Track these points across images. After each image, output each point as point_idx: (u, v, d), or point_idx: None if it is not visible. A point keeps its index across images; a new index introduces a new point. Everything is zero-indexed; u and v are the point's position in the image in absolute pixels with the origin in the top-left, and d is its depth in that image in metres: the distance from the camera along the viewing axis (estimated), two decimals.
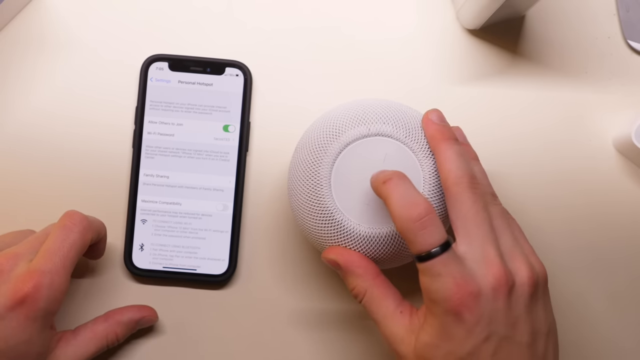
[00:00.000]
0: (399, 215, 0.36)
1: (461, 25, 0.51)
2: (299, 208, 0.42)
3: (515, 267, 0.37)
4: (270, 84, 0.50)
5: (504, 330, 0.36)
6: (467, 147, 0.43)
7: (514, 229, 0.40)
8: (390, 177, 0.37)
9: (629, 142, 0.48)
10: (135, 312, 0.46)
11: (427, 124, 0.40)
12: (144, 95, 0.49)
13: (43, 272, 0.39)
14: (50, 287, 0.39)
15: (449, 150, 0.39)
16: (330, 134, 0.41)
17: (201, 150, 0.48)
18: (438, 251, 0.35)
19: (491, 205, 0.39)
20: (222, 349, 0.48)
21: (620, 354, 0.49)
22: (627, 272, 0.50)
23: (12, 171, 0.49)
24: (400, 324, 0.38)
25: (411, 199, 0.36)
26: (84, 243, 0.42)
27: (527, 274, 0.37)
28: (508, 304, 0.36)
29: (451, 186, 0.38)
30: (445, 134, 0.39)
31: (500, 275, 0.36)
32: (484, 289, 0.36)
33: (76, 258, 0.41)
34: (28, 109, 0.49)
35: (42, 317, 0.39)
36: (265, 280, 0.49)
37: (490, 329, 0.36)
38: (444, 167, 0.38)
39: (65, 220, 0.41)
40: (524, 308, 0.37)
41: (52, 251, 0.40)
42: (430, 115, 0.41)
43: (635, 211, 0.50)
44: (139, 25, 0.50)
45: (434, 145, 0.39)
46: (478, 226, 0.37)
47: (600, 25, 0.51)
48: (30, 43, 0.50)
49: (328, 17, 0.50)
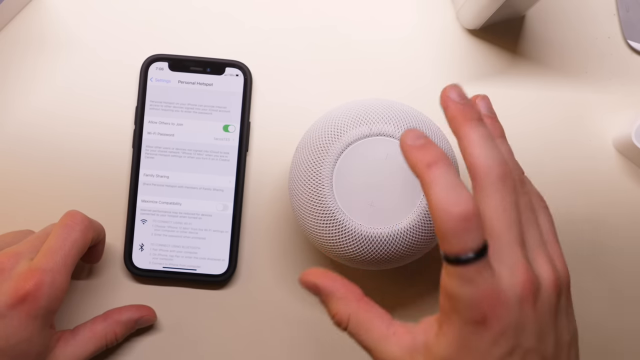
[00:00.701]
0: (441, 208, 0.31)
1: (461, 25, 0.51)
2: (301, 208, 0.42)
3: (539, 269, 0.34)
4: (270, 84, 0.50)
5: (529, 342, 0.32)
6: (492, 121, 0.38)
7: (543, 224, 0.36)
8: (436, 160, 0.32)
9: (629, 142, 0.48)
10: (134, 312, 0.46)
11: (447, 103, 0.35)
12: (144, 95, 0.49)
13: (44, 270, 0.39)
14: (52, 285, 0.39)
15: (475, 133, 0.34)
16: (332, 133, 0.41)
17: (201, 150, 0.48)
18: (473, 257, 0.31)
19: (520, 197, 0.35)
20: (221, 349, 0.48)
21: (621, 354, 0.49)
22: (627, 272, 0.50)
23: (12, 171, 0.49)
24: (397, 345, 0.34)
25: (458, 193, 0.31)
26: (85, 242, 0.42)
27: (551, 278, 0.34)
28: (534, 313, 0.33)
29: (480, 177, 0.33)
30: (468, 114, 0.34)
31: (527, 281, 0.32)
32: (512, 296, 0.32)
33: (77, 257, 0.41)
34: (28, 109, 0.49)
35: (42, 316, 0.39)
36: (265, 280, 0.49)
37: (515, 340, 0.32)
38: (470, 153, 0.34)
39: (67, 220, 0.41)
40: (549, 317, 0.33)
41: (54, 250, 0.40)
42: (450, 92, 0.35)
43: (635, 211, 0.50)
44: (138, 25, 0.50)
45: (456, 128, 0.34)
46: (508, 228, 0.33)
47: (600, 25, 0.51)
48: (30, 43, 0.49)
49: (328, 17, 0.50)
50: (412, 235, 0.40)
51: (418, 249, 0.41)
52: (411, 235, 0.40)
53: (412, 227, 0.40)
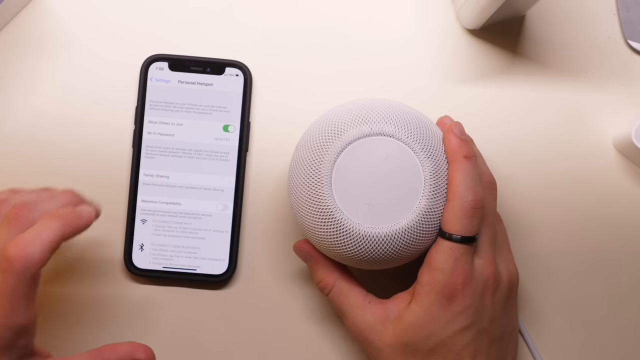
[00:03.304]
0: (463, 190, 0.39)
1: (461, 25, 0.51)
2: (299, 206, 0.42)
3: (500, 267, 0.42)
4: (270, 84, 0.50)
5: (483, 323, 0.40)
6: None
7: (501, 233, 0.45)
8: (472, 156, 0.41)
9: (629, 142, 0.48)
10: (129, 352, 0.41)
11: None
12: (144, 95, 0.49)
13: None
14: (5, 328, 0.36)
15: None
16: (332, 132, 0.41)
17: (201, 150, 0.48)
18: (468, 238, 0.40)
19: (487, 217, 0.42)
20: (222, 349, 0.48)
21: (621, 354, 0.49)
22: (627, 272, 0.50)
23: (12, 171, 0.49)
24: (371, 312, 0.42)
25: (478, 186, 0.40)
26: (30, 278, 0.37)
27: (508, 277, 0.42)
28: (492, 302, 0.41)
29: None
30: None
31: (493, 274, 0.41)
32: (480, 283, 0.40)
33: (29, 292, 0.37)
34: (28, 109, 0.49)
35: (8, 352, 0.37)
36: (265, 280, 0.49)
37: (472, 319, 0.40)
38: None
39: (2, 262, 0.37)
40: (501, 307, 0.42)
41: None
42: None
43: (635, 211, 0.50)
44: (138, 25, 0.50)
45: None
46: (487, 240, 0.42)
47: (600, 25, 0.51)
48: (30, 43, 0.49)
49: (328, 18, 0.50)
50: (410, 235, 0.40)
51: (416, 249, 0.41)
52: (409, 236, 0.40)
53: (410, 227, 0.40)
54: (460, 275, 0.39)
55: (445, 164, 0.41)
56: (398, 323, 0.41)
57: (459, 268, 0.39)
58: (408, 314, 0.41)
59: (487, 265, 0.41)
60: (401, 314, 0.41)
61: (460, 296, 0.40)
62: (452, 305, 0.40)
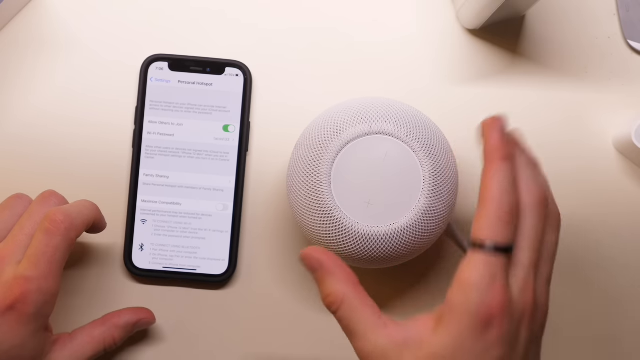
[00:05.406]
0: (497, 195, 0.34)
1: (461, 25, 0.51)
2: (299, 205, 0.42)
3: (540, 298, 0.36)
4: (270, 84, 0.50)
5: (516, 356, 0.34)
6: None
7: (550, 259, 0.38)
8: (510, 158, 0.35)
9: (629, 142, 0.48)
10: (132, 315, 0.45)
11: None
12: (143, 95, 0.49)
13: (29, 278, 0.38)
14: (39, 292, 0.38)
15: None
16: (331, 131, 0.41)
17: (201, 150, 0.48)
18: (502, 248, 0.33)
19: None
20: (222, 349, 0.48)
21: (621, 353, 0.49)
22: (628, 272, 0.50)
23: (12, 171, 0.49)
24: (385, 335, 0.35)
25: (512, 190, 0.35)
26: (70, 242, 0.40)
27: (544, 310, 0.36)
28: (526, 333, 0.34)
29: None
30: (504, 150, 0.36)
31: (531, 302, 0.34)
32: (517, 311, 0.34)
33: (63, 259, 0.40)
34: (28, 109, 0.49)
35: (34, 321, 0.39)
36: (265, 280, 0.49)
37: (506, 351, 0.33)
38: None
39: (46, 224, 0.40)
40: (534, 340, 0.35)
41: (37, 256, 0.39)
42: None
43: (635, 211, 0.50)
44: (138, 25, 0.50)
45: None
46: None
47: (600, 25, 0.51)
48: (30, 43, 0.50)
49: (328, 18, 0.50)
50: (409, 234, 0.40)
51: (415, 248, 0.41)
52: (408, 235, 0.40)
53: (409, 226, 0.40)
54: (498, 295, 0.33)
55: (444, 162, 0.41)
56: (418, 350, 0.34)
57: (497, 286, 0.33)
58: (433, 341, 0.34)
59: (527, 290, 0.34)
60: (423, 340, 0.34)
61: (497, 322, 0.33)
62: (487, 333, 0.33)
